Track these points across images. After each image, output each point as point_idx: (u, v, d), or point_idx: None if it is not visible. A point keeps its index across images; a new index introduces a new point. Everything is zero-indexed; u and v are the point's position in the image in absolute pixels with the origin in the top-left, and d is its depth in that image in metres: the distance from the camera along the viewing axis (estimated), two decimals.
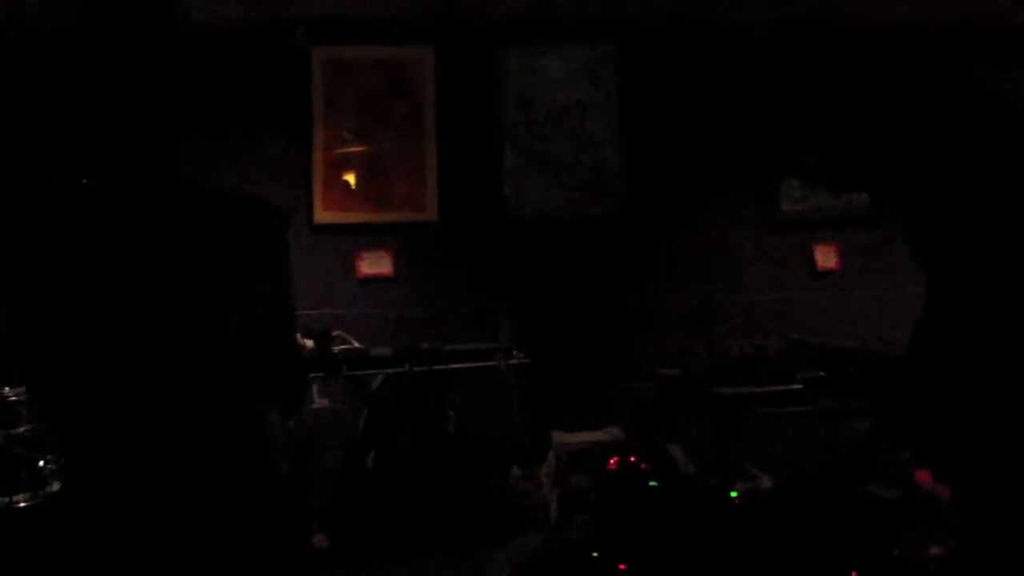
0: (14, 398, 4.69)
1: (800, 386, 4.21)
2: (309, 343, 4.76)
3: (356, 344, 5.05)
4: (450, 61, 5.77)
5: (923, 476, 3.94)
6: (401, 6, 5.51)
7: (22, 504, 4.66)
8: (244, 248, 1.96)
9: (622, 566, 3.06)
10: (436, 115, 5.74)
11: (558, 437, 5.32)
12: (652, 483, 3.39)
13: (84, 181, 1.94)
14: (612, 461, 3.72)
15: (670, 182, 5.92)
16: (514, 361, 5.05)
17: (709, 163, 5.92)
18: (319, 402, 5.41)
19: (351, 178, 5.68)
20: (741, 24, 5.82)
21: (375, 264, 5.69)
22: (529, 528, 4.81)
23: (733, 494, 3.15)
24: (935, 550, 3.72)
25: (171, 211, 1.95)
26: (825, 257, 6.06)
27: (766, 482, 3.67)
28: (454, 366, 5.00)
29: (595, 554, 3.20)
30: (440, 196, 5.74)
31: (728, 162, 5.95)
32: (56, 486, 4.89)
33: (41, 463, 4.85)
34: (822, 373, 4.36)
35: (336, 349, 4.89)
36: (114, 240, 1.90)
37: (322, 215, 5.62)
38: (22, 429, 4.72)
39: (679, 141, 5.91)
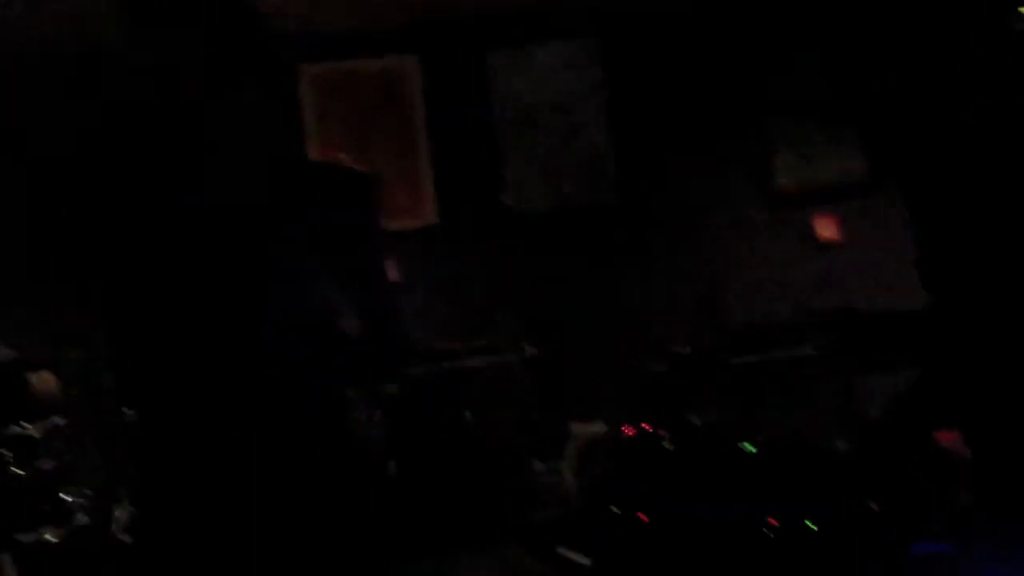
0: (34, 433, 4.73)
1: (812, 351, 4.22)
2: None
3: None
4: (437, 67, 5.83)
5: (945, 435, 3.95)
6: (382, 17, 5.57)
7: (47, 537, 4.70)
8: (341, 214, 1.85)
9: (643, 517, 3.08)
10: (427, 121, 5.79)
11: (577, 428, 5.33)
12: (667, 445, 3.41)
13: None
14: (628, 430, 3.74)
15: (664, 166, 5.95)
16: (525, 354, 5.07)
17: (702, 143, 5.96)
18: None
19: None
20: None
21: None
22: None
23: (749, 447, 3.18)
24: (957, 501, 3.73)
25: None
26: (826, 228, 6.06)
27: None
28: (466, 364, 5.02)
29: (614, 509, 3.22)
30: (438, 200, 5.78)
31: (721, 140, 5.99)
32: (82, 519, 4.93)
33: (65, 496, 4.89)
34: (833, 337, 4.36)
35: None
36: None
37: None
38: (45, 463, 4.76)
39: (670, 125, 5.94)
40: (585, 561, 3.77)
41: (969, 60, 3.07)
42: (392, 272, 1.93)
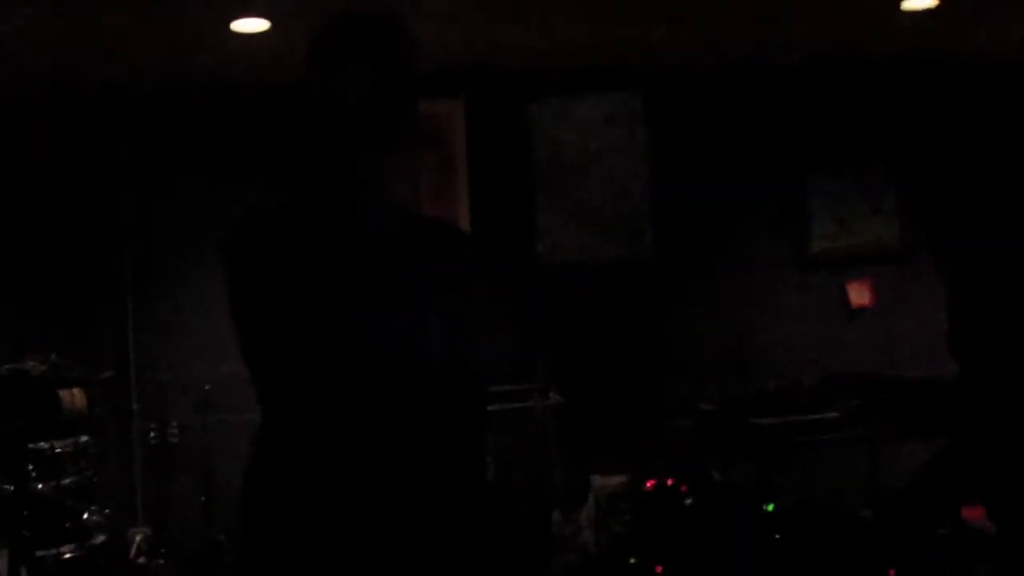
0: (61, 450, 4.77)
1: (836, 414, 4.20)
2: None
3: None
4: (480, 112, 5.89)
5: (970, 512, 3.92)
6: (431, 59, 5.63)
7: (67, 556, 4.72)
8: (444, 268, 1.99)
9: (659, 568, 3.06)
10: (468, 165, 5.84)
11: (597, 481, 5.31)
12: (688, 501, 3.39)
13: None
14: (649, 483, 3.73)
15: (701, 223, 5.97)
16: (550, 402, 5.07)
17: (739, 203, 5.98)
18: None
19: None
20: (763, 63, 5.91)
21: None
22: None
23: (769, 507, 3.15)
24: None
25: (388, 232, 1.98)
26: (859, 294, 6.06)
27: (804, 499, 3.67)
28: (490, 408, 5.01)
29: (632, 560, 3.20)
30: (473, 244, 5.81)
31: (758, 201, 6.01)
32: (100, 538, 4.95)
33: (86, 515, 4.91)
34: (858, 402, 4.34)
35: None
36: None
37: None
38: (68, 481, 4.79)
39: (709, 182, 5.97)
40: None
41: (1006, 133, 3.09)
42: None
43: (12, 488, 4.43)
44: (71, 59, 5.29)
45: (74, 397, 4.82)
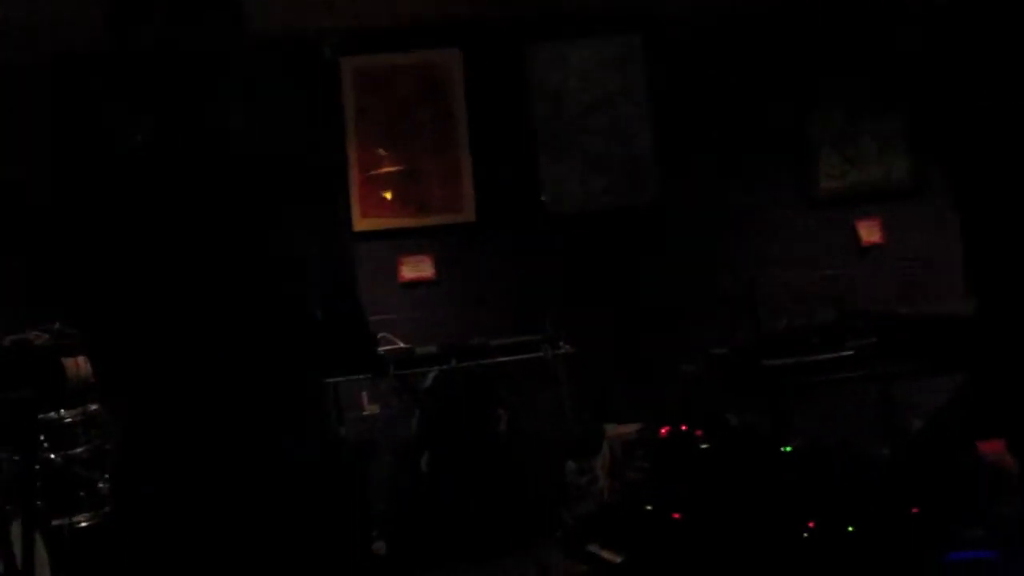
0: (70, 419, 4.74)
1: (851, 352, 4.14)
2: None
3: (401, 344, 5.06)
4: (478, 62, 5.80)
5: (990, 447, 3.89)
6: (427, 11, 5.55)
7: (83, 524, 4.71)
8: (295, 204, 1.95)
9: (676, 516, 3.03)
10: (468, 116, 5.77)
11: (611, 429, 5.28)
12: (703, 446, 3.36)
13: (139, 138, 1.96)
14: (663, 430, 3.69)
15: (706, 166, 5.89)
16: (561, 351, 5.03)
17: (744, 144, 5.90)
18: (369, 409, 5.43)
19: (388, 189, 5.71)
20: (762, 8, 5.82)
21: (417, 268, 5.70)
22: None
23: (787, 448, 3.11)
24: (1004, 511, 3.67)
25: (223, 171, 1.94)
26: (869, 232, 5.99)
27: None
28: (501, 359, 4.99)
29: (648, 508, 3.18)
30: (477, 197, 5.76)
31: (763, 142, 5.93)
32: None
33: (100, 484, 4.90)
34: (873, 339, 4.29)
35: (382, 350, 4.90)
36: (171, 200, 1.90)
37: (361, 223, 5.65)
38: (80, 450, 4.77)
39: (712, 125, 5.89)
40: (618, 560, 3.74)
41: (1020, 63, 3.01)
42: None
43: (22, 458, 4.40)
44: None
45: (79, 365, 4.77)
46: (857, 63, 5.94)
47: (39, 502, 4.43)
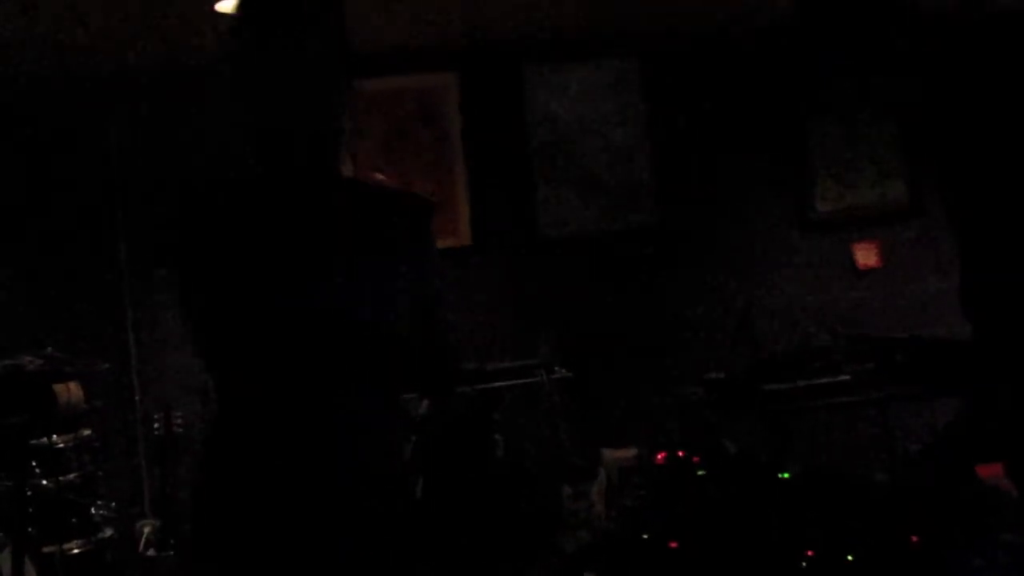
0: (62, 445, 4.71)
1: (847, 377, 4.12)
2: None
3: None
4: (475, 86, 5.80)
5: (987, 470, 3.86)
6: (423, 34, 5.55)
7: (74, 551, 4.67)
8: (398, 235, 2.00)
9: (673, 544, 3.00)
10: (464, 140, 5.77)
11: (608, 454, 5.26)
12: (700, 472, 3.33)
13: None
14: (660, 456, 3.66)
15: (703, 189, 5.89)
16: (557, 376, 5.00)
17: (741, 167, 5.89)
18: None
19: None
20: (761, 29, 5.81)
21: None
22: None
23: (785, 475, 3.08)
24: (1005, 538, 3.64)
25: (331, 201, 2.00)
26: (866, 255, 5.98)
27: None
28: (497, 384, 4.96)
29: (645, 536, 3.14)
30: (472, 220, 5.74)
31: (760, 165, 5.92)
32: (108, 532, 4.90)
33: (92, 509, 4.86)
34: (871, 364, 4.27)
35: None
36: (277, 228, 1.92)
37: None
38: (72, 476, 4.74)
39: (709, 148, 5.89)
40: None
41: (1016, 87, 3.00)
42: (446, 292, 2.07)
43: (13, 484, 4.37)
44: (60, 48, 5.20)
45: (70, 391, 4.75)
46: (853, 86, 5.94)
47: (30, 528, 4.41)
